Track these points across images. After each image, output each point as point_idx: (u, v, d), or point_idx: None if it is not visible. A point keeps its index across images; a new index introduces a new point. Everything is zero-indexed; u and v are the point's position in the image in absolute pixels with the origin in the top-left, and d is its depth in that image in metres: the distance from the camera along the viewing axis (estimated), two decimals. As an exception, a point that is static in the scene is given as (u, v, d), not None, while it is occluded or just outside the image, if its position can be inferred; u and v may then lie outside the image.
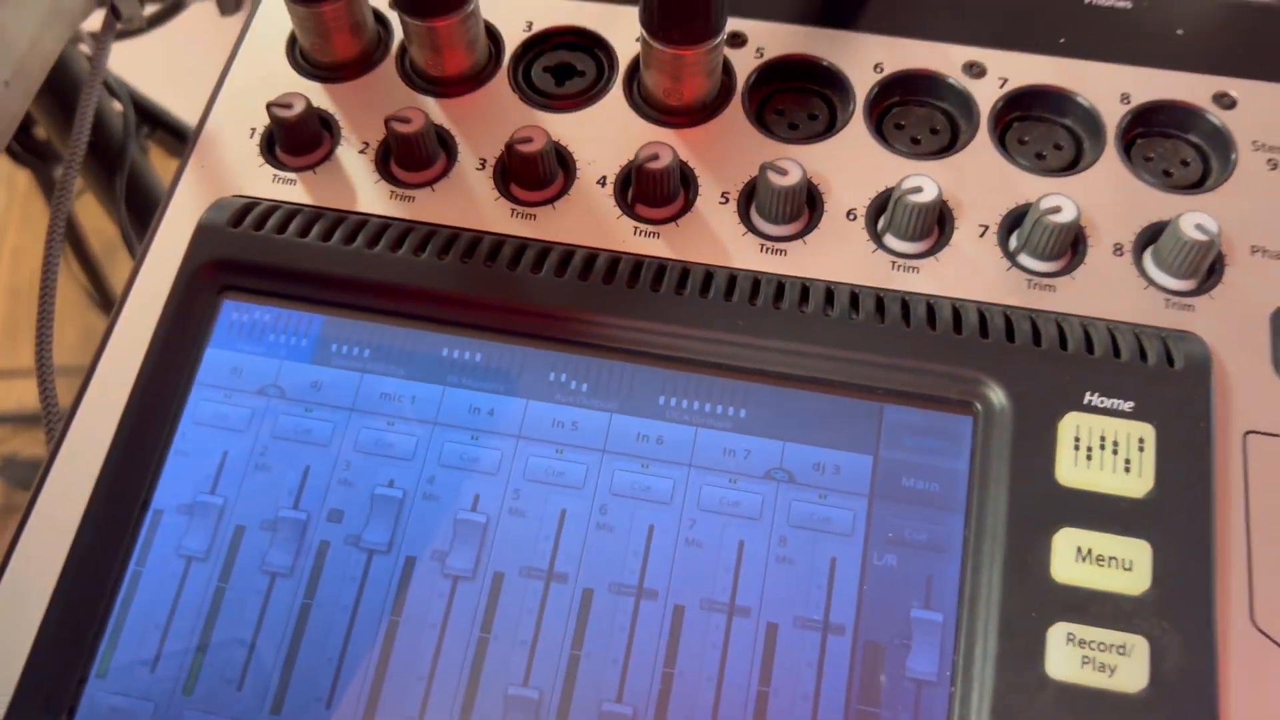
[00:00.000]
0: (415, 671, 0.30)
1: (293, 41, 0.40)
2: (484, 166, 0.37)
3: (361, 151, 0.38)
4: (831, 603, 0.30)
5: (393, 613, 0.30)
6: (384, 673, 0.30)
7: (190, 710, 0.30)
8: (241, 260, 0.35)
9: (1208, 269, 0.35)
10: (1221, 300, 0.34)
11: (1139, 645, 0.29)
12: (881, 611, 0.30)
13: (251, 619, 0.31)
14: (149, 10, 0.53)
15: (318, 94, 0.39)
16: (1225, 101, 0.38)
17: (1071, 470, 0.31)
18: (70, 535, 0.32)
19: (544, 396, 0.33)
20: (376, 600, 0.31)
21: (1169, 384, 0.32)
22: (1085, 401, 0.32)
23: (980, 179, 0.37)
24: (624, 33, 0.40)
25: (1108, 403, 0.32)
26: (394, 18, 0.40)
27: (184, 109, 0.70)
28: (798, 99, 0.39)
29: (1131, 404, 0.32)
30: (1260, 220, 0.36)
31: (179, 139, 0.67)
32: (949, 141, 0.38)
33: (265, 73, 0.40)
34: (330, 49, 0.39)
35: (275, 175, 0.38)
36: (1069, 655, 0.29)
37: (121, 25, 0.49)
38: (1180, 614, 0.29)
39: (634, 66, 0.39)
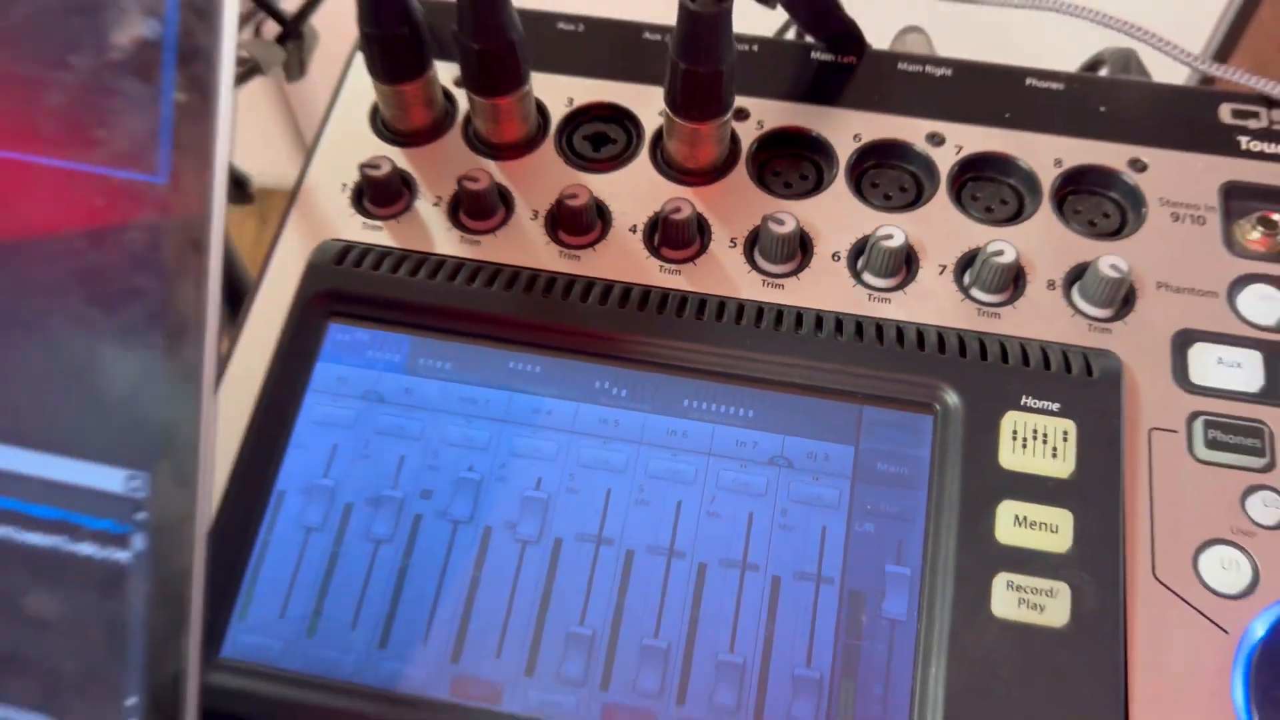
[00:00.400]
0: (494, 616, 0.38)
1: (374, 112, 0.49)
2: (536, 217, 0.46)
3: (435, 204, 0.46)
4: (823, 560, 0.38)
5: (474, 570, 0.38)
6: (469, 617, 0.38)
7: (313, 647, 0.37)
8: (345, 291, 0.43)
9: (1122, 300, 0.43)
10: (1133, 325, 0.43)
11: (1063, 590, 0.37)
12: (862, 567, 0.38)
13: (361, 575, 0.38)
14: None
15: (397, 156, 0.47)
16: (1138, 165, 0.47)
17: (1011, 456, 0.39)
18: (212, 513, 0.39)
19: (592, 400, 0.41)
20: (461, 560, 0.38)
21: (1088, 390, 0.40)
22: (1022, 403, 0.40)
23: (940, 228, 0.45)
24: (649, 108, 0.48)
25: (1039, 404, 0.40)
26: (460, 94, 0.49)
27: (241, 160, 0.78)
28: (792, 162, 0.48)
29: (1058, 405, 0.40)
30: (1165, 261, 0.44)
31: (239, 187, 0.75)
32: (915, 197, 0.47)
33: (352, 138, 0.48)
34: (408, 120, 0.47)
35: (364, 223, 0.46)
36: (1009, 598, 0.37)
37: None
38: (1095, 567, 0.37)
39: (658, 136, 0.47)
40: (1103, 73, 0.59)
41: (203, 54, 0.25)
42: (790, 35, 0.61)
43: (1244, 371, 0.41)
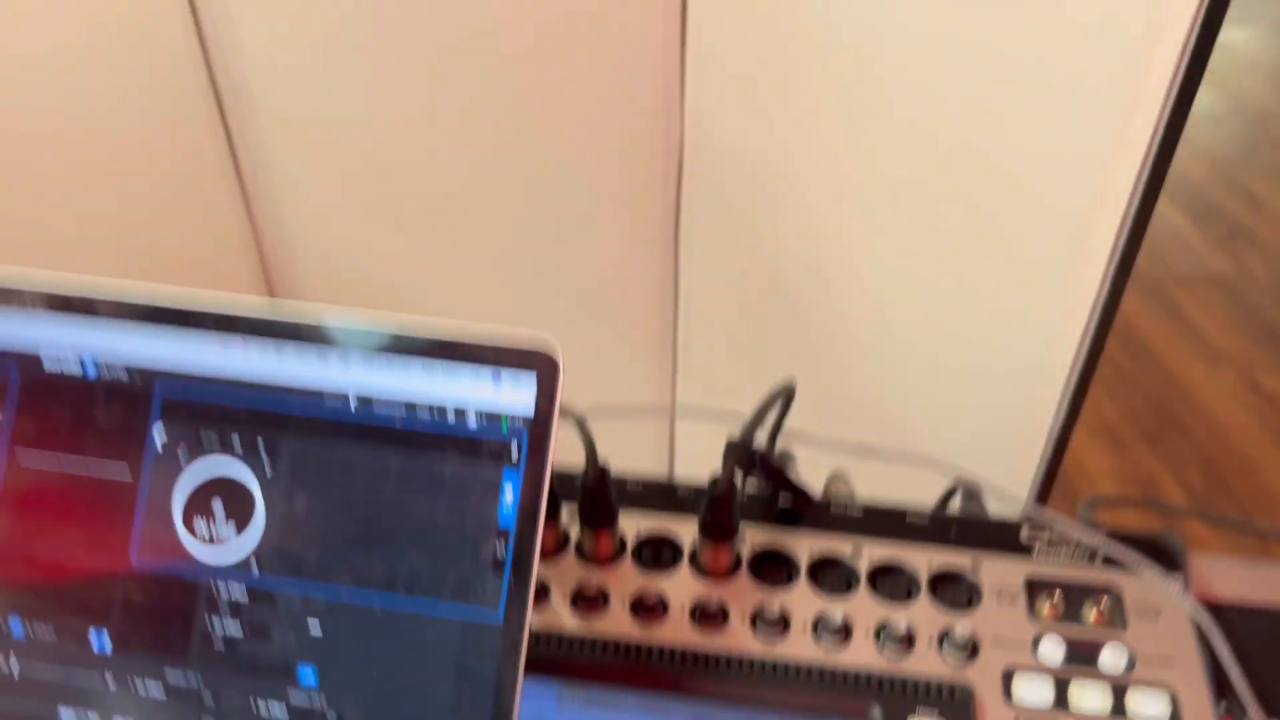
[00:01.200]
0: None
1: (519, 539, 0.80)
2: (624, 605, 0.76)
3: (562, 599, 0.76)
4: (810, 814, 0.66)
5: (607, 826, 0.65)
6: None
7: None
8: (517, 655, 0.72)
9: (971, 650, 0.74)
10: (979, 665, 0.73)
11: (946, 826, 0.65)
12: (833, 816, 0.65)
13: (540, 832, 0.65)
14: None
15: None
16: (977, 566, 0.79)
17: (912, 746, 0.68)
18: (446, 795, 0.66)
19: (669, 717, 0.69)
20: (599, 820, 0.65)
21: (953, 704, 0.70)
22: (916, 710, 0.69)
23: (863, 608, 0.76)
24: (687, 533, 0.80)
25: (927, 710, 0.69)
26: (573, 529, 0.80)
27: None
28: (772, 566, 0.79)
29: (937, 711, 0.69)
30: (995, 626, 0.75)
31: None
32: (846, 588, 0.78)
33: (506, 555, 0.79)
34: (543, 544, 0.79)
35: (520, 610, 0.76)
36: (916, 832, 0.64)
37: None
38: (964, 812, 0.65)
39: (693, 550, 0.79)
40: (956, 498, 0.94)
41: (525, 561, 0.56)
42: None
43: (1042, 692, 0.71)
